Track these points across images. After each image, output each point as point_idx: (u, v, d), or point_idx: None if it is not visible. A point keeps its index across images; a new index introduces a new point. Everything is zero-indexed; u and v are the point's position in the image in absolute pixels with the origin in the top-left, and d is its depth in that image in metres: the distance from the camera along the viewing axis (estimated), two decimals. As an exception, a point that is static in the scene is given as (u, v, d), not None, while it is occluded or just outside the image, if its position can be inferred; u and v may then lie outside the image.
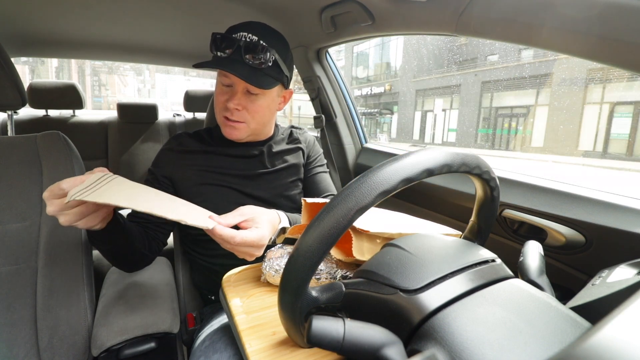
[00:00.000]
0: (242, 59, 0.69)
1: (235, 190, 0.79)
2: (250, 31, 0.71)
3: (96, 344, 0.64)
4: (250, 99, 0.74)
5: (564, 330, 0.29)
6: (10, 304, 0.66)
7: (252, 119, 0.76)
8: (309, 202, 0.58)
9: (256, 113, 0.76)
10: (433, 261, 0.37)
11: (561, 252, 0.72)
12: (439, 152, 0.35)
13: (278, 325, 0.45)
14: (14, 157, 0.73)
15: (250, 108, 0.75)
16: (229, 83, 0.74)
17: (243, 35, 0.70)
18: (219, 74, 0.76)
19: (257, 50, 0.70)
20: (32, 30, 1.27)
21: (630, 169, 6.28)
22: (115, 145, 1.86)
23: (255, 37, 0.70)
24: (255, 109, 0.75)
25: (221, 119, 0.77)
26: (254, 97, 0.74)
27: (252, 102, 0.75)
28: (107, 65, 24.50)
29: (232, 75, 0.71)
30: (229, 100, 0.73)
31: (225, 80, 0.74)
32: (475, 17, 0.67)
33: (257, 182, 0.82)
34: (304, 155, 0.91)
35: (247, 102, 0.74)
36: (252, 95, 0.74)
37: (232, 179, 0.79)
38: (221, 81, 0.75)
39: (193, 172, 0.78)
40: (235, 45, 0.69)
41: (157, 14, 1.17)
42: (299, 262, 0.32)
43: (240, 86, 0.73)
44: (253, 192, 0.80)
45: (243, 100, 0.74)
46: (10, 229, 0.69)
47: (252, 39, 0.70)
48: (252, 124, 0.77)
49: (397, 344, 0.31)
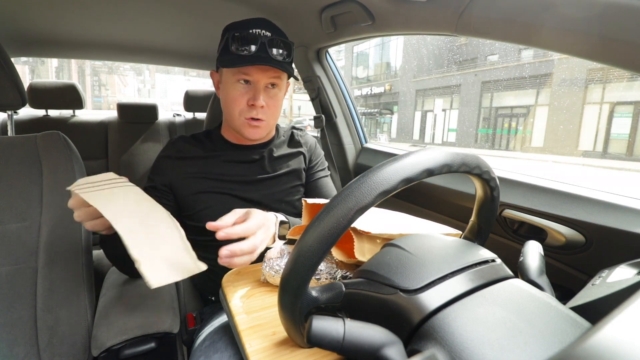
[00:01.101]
0: (268, 55, 0.70)
1: (235, 197, 0.78)
2: (264, 28, 0.71)
3: (96, 344, 0.64)
4: (270, 94, 0.75)
5: (564, 330, 0.29)
6: (10, 304, 0.66)
7: (272, 115, 0.77)
8: (310, 202, 0.58)
9: (276, 108, 0.77)
10: (433, 261, 0.37)
11: (561, 252, 0.72)
12: (439, 152, 0.35)
13: (278, 325, 0.45)
14: (14, 157, 0.73)
15: (271, 104, 0.75)
16: (250, 80, 0.72)
17: (258, 32, 0.71)
18: (235, 73, 0.73)
19: (280, 45, 0.71)
20: (32, 30, 1.27)
21: (630, 169, 6.28)
22: (115, 145, 1.86)
23: (269, 33, 0.71)
24: (275, 104, 0.76)
25: (242, 120, 0.75)
26: (273, 93, 0.75)
27: (272, 97, 0.75)
28: (107, 65, 24.52)
29: (256, 72, 0.71)
30: (254, 99, 0.72)
31: (246, 77, 0.72)
32: (475, 17, 0.67)
33: (257, 188, 0.81)
34: (305, 160, 0.90)
35: (268, 99, 0.74)
36: (272, 91, 0.74)
37: (232, 185, 0.78)
38: (240, 80, 0.73)
39: (192, 180, 0.76)
40: (258, 41, 0.69)
41: (157, 14, 1.17)
42: (299, 262, 0.32)
43: (261, 83, 0.72)
44: (253, 197, 0.79)
45: (266, 97, 0.74)
46: (10, 229, 0.69)
47: (267, 34, 0.71)
48: (272, 120, 0.77)
49: (397, 344, 0.31)
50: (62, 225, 0.72)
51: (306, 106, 17.53)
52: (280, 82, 0.75)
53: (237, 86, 0.73)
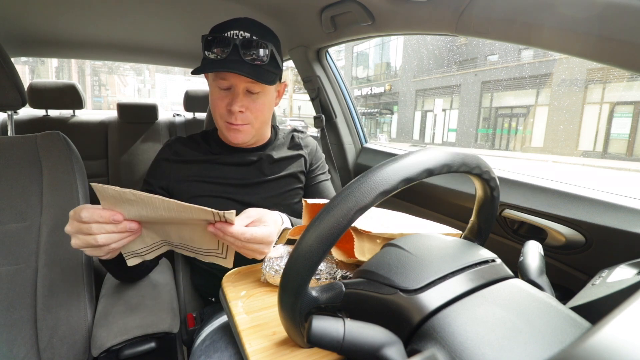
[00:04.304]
0: (241, 58, 0.67)
1: (233, 201, 0.77)
2: (242, 28, 0.68)
3: (96, 344, 0.64)
4: (251, 98, 0.72)
5: (564, 330, 0.29)
6: (10, 304, 0.66)
7: (256, 119, 0.74)
8: (310, 202, 0.58)
9: (259, 112, 0.74)
10: (433, 261, 0.37)
11: (561, 252, 0.72)
12: (439, 152, 0.35)
13: (278, 325, 0.45)
14: (14, 157, 0.73)
15: (252, 108, 0.73)
16: (227, 86, 0.71)
17: (235, 34, 0.68)
18: (214, 78, 0.72)
19: (255, 46, 0.68)
20: (32, 30, 1.27)
21: (630, 169, 6.28)
22: (115, 145, 1.86)
23: (247, 34, 0.68)
24: (258, 107, 0.73)
25: (223, 124, 0.74)
26: (255, 97, 0.72)
27: (253, 101, 0.72)
28: (107, 65, 24.52)
29: (233, 77, 0.69)
30: (231, 104, 0.70)
31: (223, 83, 0.71)
32: (475, 17, 0.67)
33: (255, 191, 0.80)
34: (306, 163, 0.88)
35: (249, 103, 0.72)
36: (253, 95, 0.72)
37: (229, 188, 0.78)
38: (218, 85, 0.72)
39: (189, 183, 0.76)
40: (231, 44, 0.67)
41: (157, 14, 1.17)
42: (299, 262, 0.32)
43: (240, 87, 0.70)
44: (251, 201, 0.78)
45: (245, 101, 0.71)
46: (10, 229, 0.69)
47: (245, 35, 0.68)
48: (256, 124, 0.75)
49: (397, 344, 0.31)
50: (62, 225, 0.72)
51: (306, 106, 17.51)
52: (260, 86, 0.72)
53: (216, 90, 0.73)
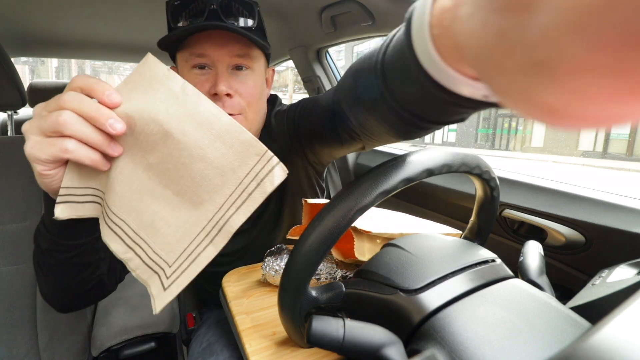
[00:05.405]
0: (223, 23, 0.50)
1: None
2: None
3: (96, 344, 0.64)
4: (239, 78, 0.55)
5: (564, 330, 0.29)
6: (11, 304, 0.66)
7: (249, 105, 0.57)
8: (310, 202, 0.58)
9: (251, 96, 0.57)
10: (433, 261, 0.37)
11: (561, 252, 0.72)
12: (439, 152, 0.35)
13: (278, 325, 0.45)
14: (14, 157, 0.73)
15: (242, 90, 0.56)
16: (207, 63, 0.54)
17: None
18: (187, 57, 0.54)
19: (237, 9, 0.53)
20: (32, 30, 1.27)
21: (630, 169, 6.29)
22: (115, 145, 1.86)
23: None
24: (248, 90, 0.56)
25: None
26: (242, 76, 0.56)
27: (242, 82, 0.56)
28: (107, 65, 24.48)
29: (214, 49, 0.52)
30: (215, 85, 0.52)
31: (201, 60, 0.53)
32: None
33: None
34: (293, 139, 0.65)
35: (237, 84, 0.55)
36: (241, 74, 0.56)
37: None
38: (195, 63, 0.54)
39: None
40: (206, 10, 0.50)
41: (157, 14, 1.17)
42: (299, 262, 0.32)
43: (223, 64, 0.53)
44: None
45: (232, 82, 0.54)
46: (10, 229, 0.69)
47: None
48: (250, 113, 0.58)
49: (397, 344, 0.31)
50: None
51: (306, 106, 17.48)
52: (250, 60, 0.56)
53: (193, 74, 0.54)
